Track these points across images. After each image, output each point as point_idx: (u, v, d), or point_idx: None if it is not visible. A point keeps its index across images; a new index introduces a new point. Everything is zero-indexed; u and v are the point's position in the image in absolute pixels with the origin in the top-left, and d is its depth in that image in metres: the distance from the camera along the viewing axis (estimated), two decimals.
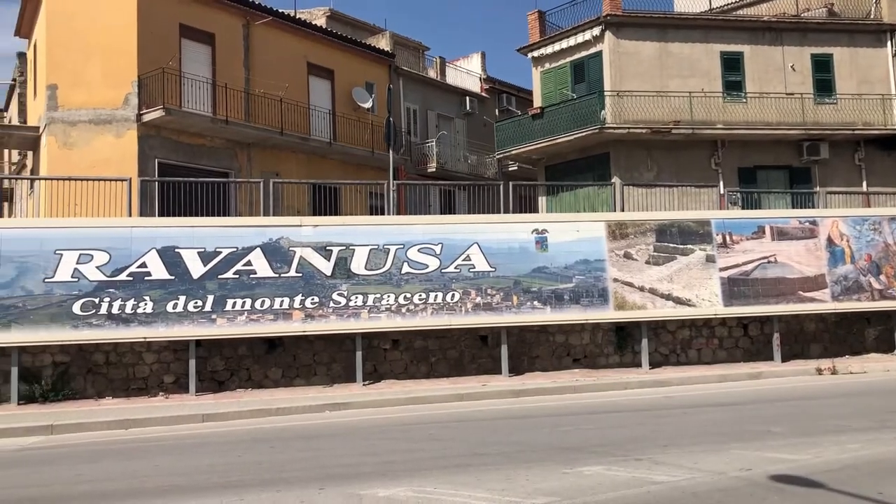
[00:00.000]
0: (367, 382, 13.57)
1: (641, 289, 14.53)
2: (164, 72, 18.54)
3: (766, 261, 15.14)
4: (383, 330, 13.81)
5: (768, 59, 22.91)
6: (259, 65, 21.62)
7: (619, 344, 15.28)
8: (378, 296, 13.51)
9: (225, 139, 20.46)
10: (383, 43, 27.94)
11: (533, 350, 14.87)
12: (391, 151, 18.95)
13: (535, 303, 14.09)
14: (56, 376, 12.73)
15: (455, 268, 13.88)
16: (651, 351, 14.89)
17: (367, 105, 24.38)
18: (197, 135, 19.84)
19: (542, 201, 23.17)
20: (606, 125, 21.57)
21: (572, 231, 14.61)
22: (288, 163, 21.70)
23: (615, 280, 14.46)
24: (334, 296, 13.37)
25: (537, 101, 24.57)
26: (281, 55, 22.21)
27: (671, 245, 14.94)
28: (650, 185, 19.53)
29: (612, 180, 20.63)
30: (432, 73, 30.73)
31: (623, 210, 16.22)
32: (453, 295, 13.79)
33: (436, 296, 13.73)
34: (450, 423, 10.09)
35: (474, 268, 13.96)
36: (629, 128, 21.68)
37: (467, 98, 29.94)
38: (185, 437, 9.70)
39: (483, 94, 31.13)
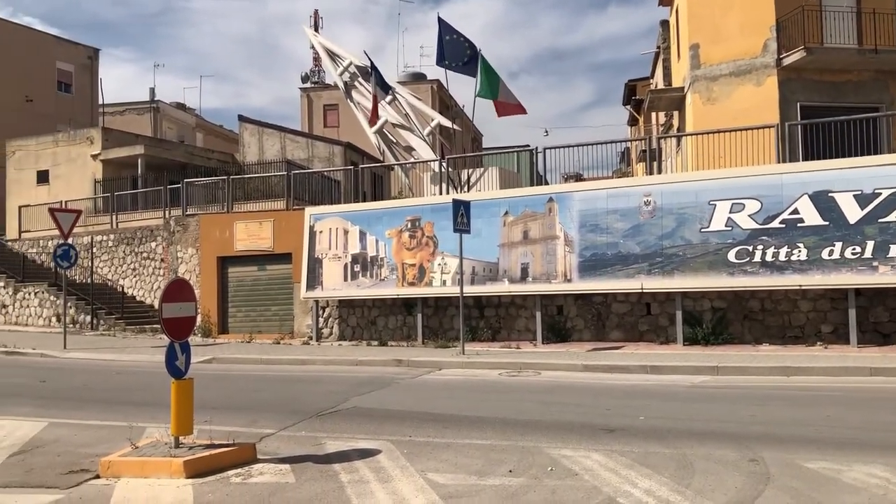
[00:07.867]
0: None
1: None
2: (804, 9, 17.71)
3: None
4: None
5: None
6: None
7: None
8: None
9: (873, 70, 18.57)
10: None
11: None
12: None
13: None
14: (715, 321, 13.50)
15: None
16: None
17: None
18: (840, 71, 18.47)
19: None
20: None
21: None
22: None
23: None
24: None
25: None
26: None
27: None
28: None
29: None
30: None
31: None
32: None
33: None
34: None
35: None
36: None
37: None
38: (853, 391, 9.20)
39: None
